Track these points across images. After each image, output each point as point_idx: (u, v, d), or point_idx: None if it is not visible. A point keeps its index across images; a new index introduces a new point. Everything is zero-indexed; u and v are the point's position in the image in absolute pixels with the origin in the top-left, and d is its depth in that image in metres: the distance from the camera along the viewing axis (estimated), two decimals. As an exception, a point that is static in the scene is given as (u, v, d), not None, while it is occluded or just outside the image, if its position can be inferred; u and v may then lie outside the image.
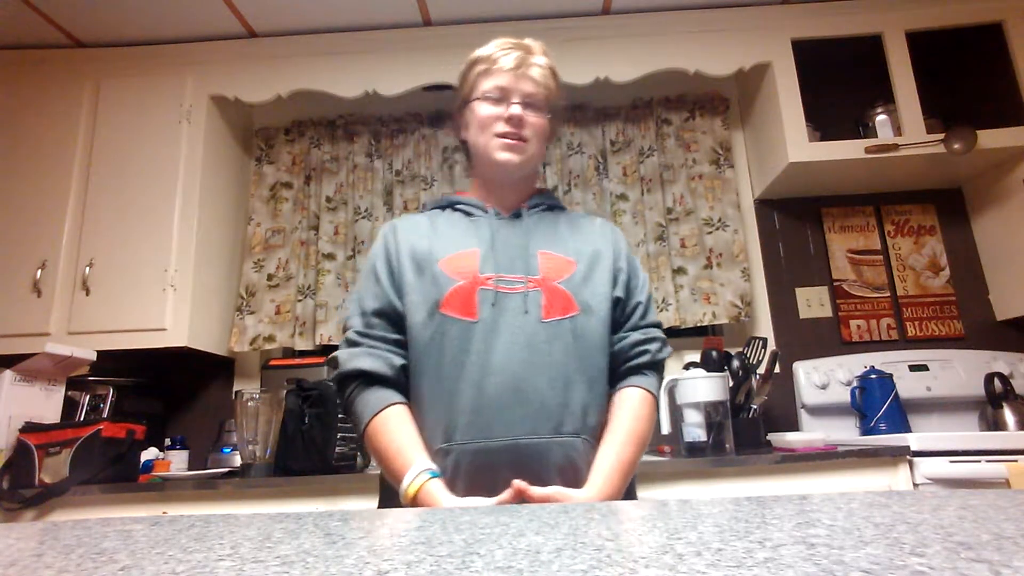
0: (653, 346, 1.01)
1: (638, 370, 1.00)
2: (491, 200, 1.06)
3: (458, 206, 1.07)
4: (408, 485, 0.83)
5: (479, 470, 0.86)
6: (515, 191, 1.07)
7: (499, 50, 1.03)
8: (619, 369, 1.00)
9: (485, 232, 1.01)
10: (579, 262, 1.00)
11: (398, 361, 0.94)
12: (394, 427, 0.90)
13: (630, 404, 0.97)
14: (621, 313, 1.01)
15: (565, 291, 0.96)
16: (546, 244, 1.01)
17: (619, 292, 1.01)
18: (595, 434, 0.93)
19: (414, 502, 0.83)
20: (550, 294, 0.95)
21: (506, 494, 0.81)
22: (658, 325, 1.05)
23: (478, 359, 0.89)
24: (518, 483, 0.81)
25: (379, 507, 1.04)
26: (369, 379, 0.93)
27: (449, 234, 1.01)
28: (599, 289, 0.99)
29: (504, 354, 0.89)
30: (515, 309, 0.93)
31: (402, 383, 0.95)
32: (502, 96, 1.01)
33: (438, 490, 0.83)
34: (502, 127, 1.00)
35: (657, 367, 1.02)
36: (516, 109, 1.00)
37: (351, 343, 0.96)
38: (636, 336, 1.00)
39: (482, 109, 1.02)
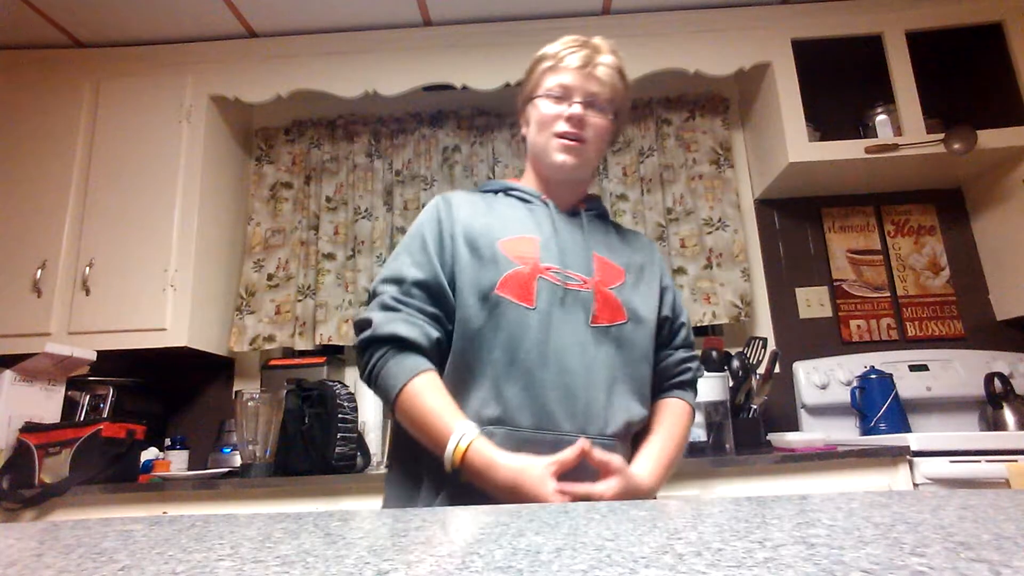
0: (694, 364, 1.07)
1: (681, 385, 1.05)
2: (546, 195, 1.05)
3: (513, 192, 1.05)
4: (456, 445, 0.80)
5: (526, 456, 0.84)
6: (571, 191, 1.06)
7: (565, 48, 1.01)
8: (663, 384, 1.03)
9: (545, 222, 0.99)
10: (628, 272, 1.01)
11: (435, 334, 0.90)
12: (433, 391, 0.86)
13: (675, 411, 1.01)
14: (668, 331, 1.05)
15: (616, 298, 0.96)
16: (602, 249, 1.01)
17: (667, 311, 1.04)
18: (633, 443, 0.95)
19: (463, 463, 0.80)
20: (602, 299, 0.94)
21: (569, 452, 0.79)
22: (693, 345, 1.10)
23: (534, 348, 0.88)
24: (584, 442, 0.80)
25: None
26: (402, 345, 0.89)
27: (508, 216, 0.99)
28: (648, 302, 1.01)
29: (558, 348, 0.88)
30: (571, 305, 0.92)
31: (434, 356, 0.91)
32: (564, 94, 0.99)
33: (488, 447, 0.81)
34: (562, 126, 0.98)
35: (695, 385, 1.07)
36: (577, 108, 0.97)
37: (386, 307, 0.91)
38: (682, 354, 1.05)
39: (544, 107, 1.00)
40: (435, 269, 0.93)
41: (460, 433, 0.81)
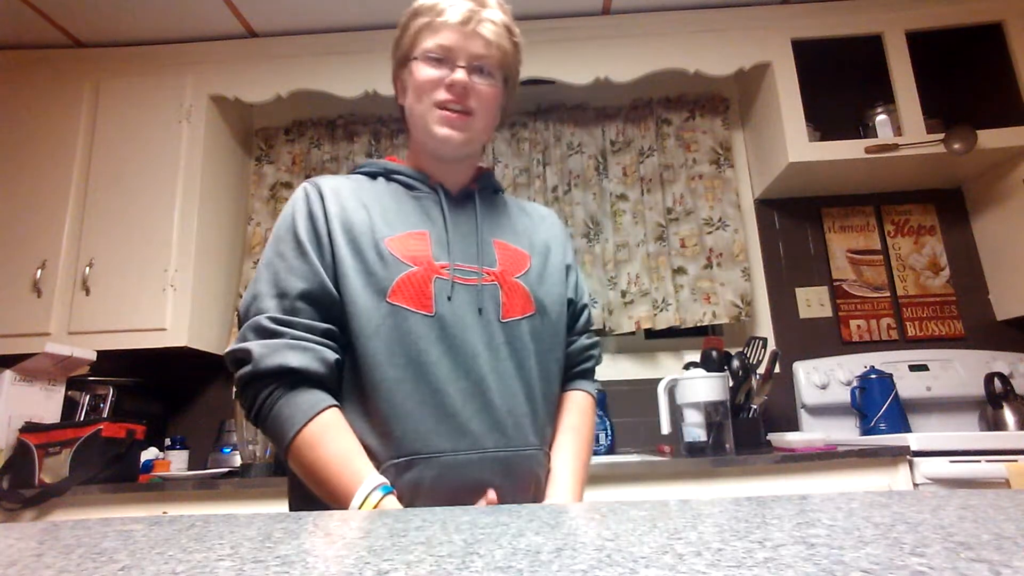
0: (596, 352, 0.98)
1: (584, 375, 0.97)
2: (433, 176, 0.91)
3: (396, 176, 0.90)
4: (361, 505, 0.69)
5: (444, 486, 0.75)
6: (460, 168, 0.92)
7: (443, 0, 0.85)
8: (566, 373, 0.94)
9: (435, 212, 0.87)
10: (532, 256, 0.90)
11: (331, 356, 0.77)
12: (333, 436, 0.73)
13: (582, 408, 0.93)
14: (571, 316, 0.95)
15: (524, 287, 0.86)
16: (500, 233, 0.90)
17: (570, 293, 0.95)
18: (549, 443, 0.88)
19: None
20: (509, 290, 0.84)
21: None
22: (592, 328, 1.01)
23: (439, 360, 0.77)
24: (492, 496, 0.76)
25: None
26: (296, 379, 0.75)
27: (392, 208, 0.85)
28: (555, 289, 0.91)
29: (466, 356, 0.78)
30: (472, 305, 0.81)
31: (334, 383, 0.78)
32: (445, 57, 0.84)
33: (396, 507, 0.71)
34: (443, 95, 0.84)
35: (594, 373, 1.00)
36: (460, 74, 0.83)
37: (265, 332, 0.76)
38: (584, 341, 0.97)
39: (421, 71, 0.85)
40: (319, 274, 0.79)
41: (365, 492, 0.70)
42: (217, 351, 2.11)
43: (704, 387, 1.68)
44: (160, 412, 2.16)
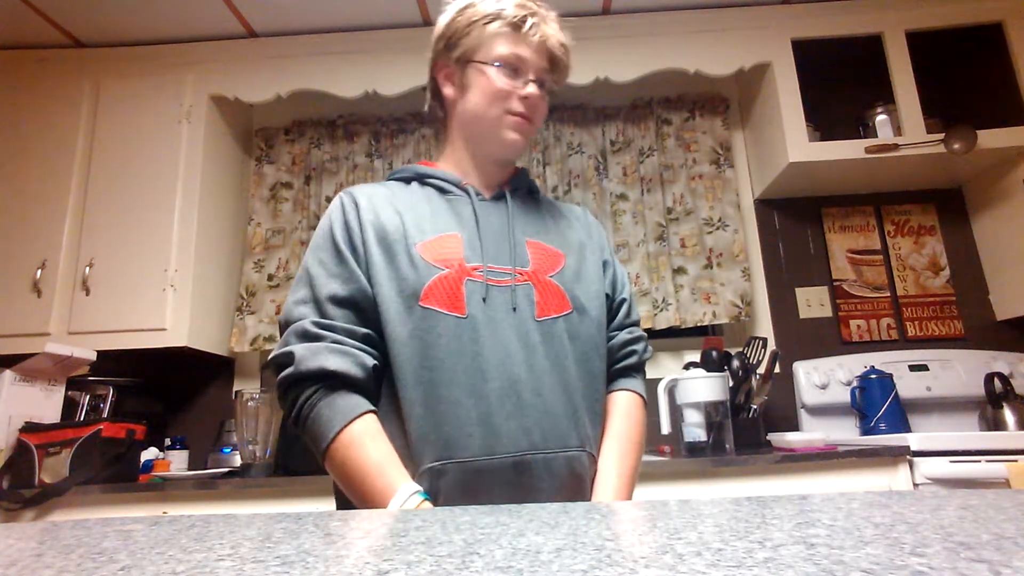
0: (639, 346, 0.96)
1: (627, 372, 0.95)
2: (470, 177, 0.93)
3: (429, 180, 0.92)
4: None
5: (480, 490, 0.74)
6: (500, 170, 0.95)
7: (518, 9, 0.88)
8: (608, 371, 0.93)
9: (467, 214, 0.88)
10: (568, 255, 0.91)
11: (370, 361, 0.78)
12: (371, 440, 0.74)
13: (628, 410, 0.91)
14: (610, 310, 0.95)
15: (558, 286, 0.86)
16: (533, 232, 0.91)
17: (607, 289, 0.95)
18: (596, 445, 0.86)
19: None
20: (543, 289, 0.84)
21: None
22: (638, 323, 1.00)
23: (473, 363, 0.77)
24: None
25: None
26: (335, 382, 0.76)
27: (423, 212, 0.87)
28: (592, 286, 0.91)
29: (500, 357, 0.78)
30: (506, 305, 0.81)
31: (372, 388, 0.79)
32: (519, 67, 0.88)
33: None
34: (517, 105, 0.87)
35: (642, 368, 0.98)
36: (533, 88, 0.88)
37: (307, 336, 0.78)
38: (624, 336, 0.95)
39: (498, 79, 0.87)
40: (359, 281, 0.81)
41: (402, 498, 0.70)
42: (217, 351, 2.11)
43: (704, 387, 1.68)
44: (160, 412, 2.16)
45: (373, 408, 0.78)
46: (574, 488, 0.80)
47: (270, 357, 0.81)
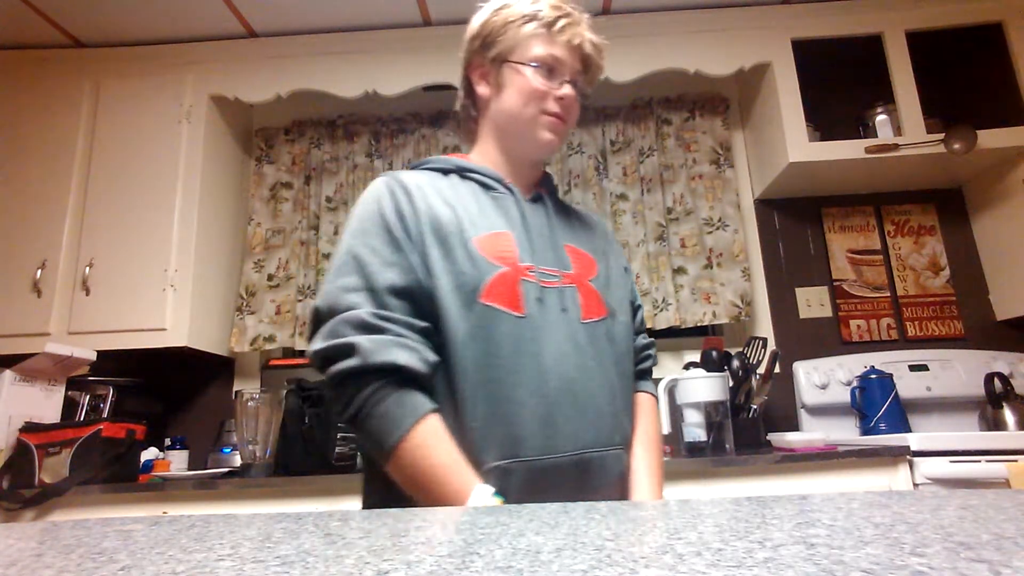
0: (653, 351, 1.01)
1: (644, 375, 0.98)
2: (507, 176, 0.92)
3: (470, 175, 0.90)
4: None
5: (546, 489, 0.74)
6: (532, 170, 0.95)
7: (553, 11, 0.89)
8: None
9: (513, 213, 0.87)
10: (598, 260, 0.93)
11: (432, 357, 0.76)
12: (441, 441, 0.72)
13: (651, 412, 0.95)
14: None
15: (596, 291, 0.88)
16: (570, 237, 0.92)
17: (630, 296, 0.98)
18: (628, 443, 0.89)
19: None
20: (585, 293, 0.86)
21: None
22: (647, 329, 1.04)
23: (533, 361, 0.77)
24: None
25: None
26: (402, 377, 0.73)
27: (472, 207, 0.85)
28: (619, 292, 0.93)
29: (556, 356, 0.78)
30: (556, 306, 0.82)
31: (431, 385, 0.77)
32: (555, 68, 0.88)
33: None
34: (553, 106, 0.88)
35: (652, 374, 1.02)
36: (569, 89, 0.88)
37: (368, 327, 0.73)
38: (641, 341, 0.99)
39: (534, 79, 0.87)
40: (415, 271, 0.78)
41: (480, 499, 0.69)
42: (217, 351, 2.11)
43: (704, 387, 1.68)
44: (160, 412, 2.16)
45: (436, 407, 0.75)
46: (620, 486, 0.83)
47: (319, 348, 0.74)
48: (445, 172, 0.90)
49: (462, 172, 0.90)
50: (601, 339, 0.85)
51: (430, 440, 0.72)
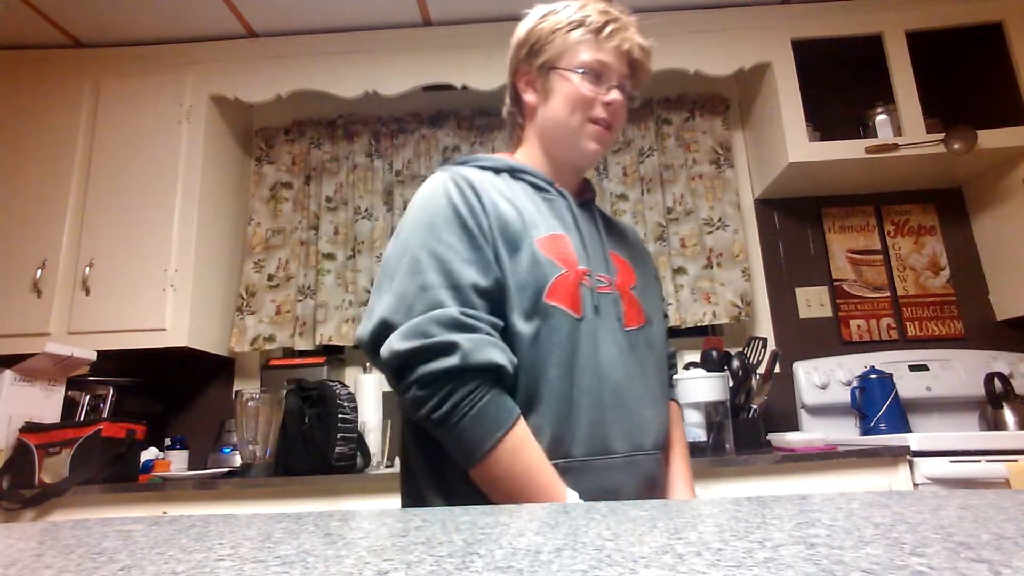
0: (675, 359, 1.06)
1: (670, 383, 1.01)
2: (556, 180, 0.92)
3: (523, 176, 0.89)
4: None
5: (599, 490, 0.75)
6: (575, 177, 0.94)
7: (600, 16, 0.88)
8: None
9: (568, 217, 0.87)
10: (635, 268, 0.94)
11: (514, 358, 0.75)
12: (533, 442, 0.72)
13: (680, 419, 0.99)
14: None
15: (636, 299, 0.89)
16: (613, 244, 0.93)
17: (662, 305, 1.00)
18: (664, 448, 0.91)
19: None
20: (628, 301, 0.87)
21: None
22: None
23: (590, 364, 0.78)
24: None
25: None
26: (497, 378, 0.72)
27: (530, 207, 0.84)
28: (654, 301, 0.95)
29: (608, 361, 0.79)
30: (608, 311, 0.83)
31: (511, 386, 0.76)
32: (602, 73, 0.87)
33: None
34: (600, 112, 0.87)
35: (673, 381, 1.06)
36: (616, 95, 0.87)
37: (461, 326, 0.71)
38: (668, 350, 1.01)
39: (582, 86, 0.86)
40: (494, 269, 0.77)
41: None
42: (217, 351, 2.11)
43: (704, 387, 1.68)
44: (160, 412, 2.16)
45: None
46: (660, 489, 0.86)
47: (406, 347, 0.70)
48: (497, 171, 0.89)
49: (514, 172, 0.89)
50: (641, 347, 0.86)
51: (526, 442, 0.71)
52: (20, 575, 0.27)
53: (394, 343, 0.71)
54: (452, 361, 0.69)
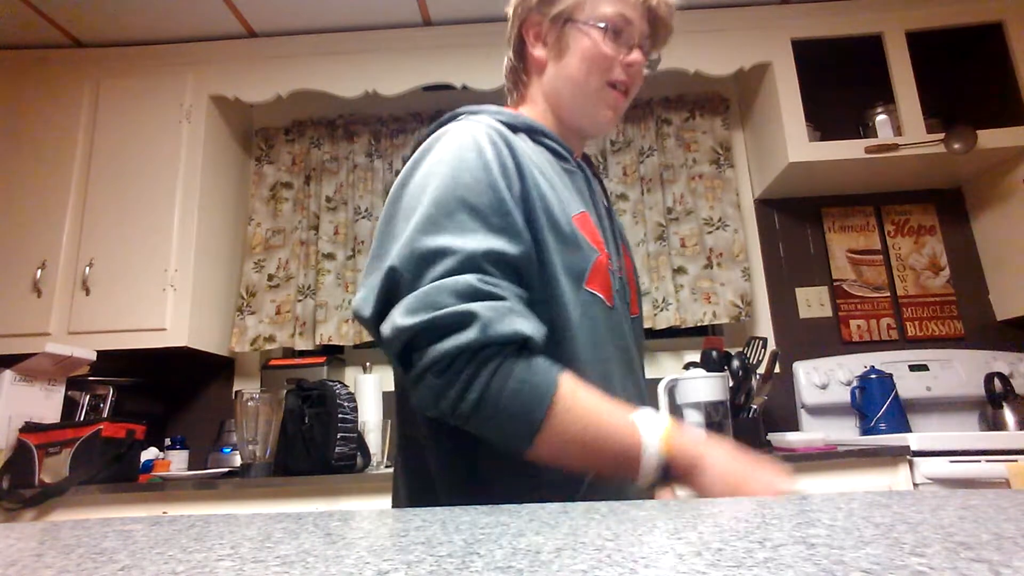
0: None
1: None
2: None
3: (543, 140, 0.77)
4: (663, 434, 0.59)
5: (623, 497, 0.71)
6: (580, 143, 0.85)
7: None
8: None
9: (586, 193, 0.79)
10: (629, 254, 0.87)
11: (544, 329, 0.64)
12: (585, 388, 0.61)
13: None
14: None
15: (635, 282, 0.84)
16: (612, 222, 0.85)
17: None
18: None
19: (672, 452, 0.60)
20: (632, 286, 0.82)
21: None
22: None
23: (614, 355, 0.72)
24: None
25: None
26: (526, 349, 0.61)
27: (555, 179, 0.73)
28: (640, 289, 0.90)
29: (628, 352, 0.75)
30: (622, 298, 0.76)
31: None
32: (624, 30, 0.77)
33: (686, 434, 0.61)
34: (620, 74, 0.77)
35: None
36: (638, 55, 0.77)
37: (479, 294, 0.59)
38: None
39: (602, 43, 0.76)
40: (525, 240, 0.65)
41: (649, 422, 0.60)
42: (217, 351, 2.11)
43: (704, 387, 1.68)
44: (160, 412, 2.16)
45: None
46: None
47: (411, 323, 0.58)
48: (513, 128, 0.75)
49: (533, 133, 0.77)
50: (639, 335, 0.82)
51: (579, 392, 0.60)
52: (20, 575, 0.27)
53: (398, 317, 0.59)
54: (470, 335, 0.57)
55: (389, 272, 0.61)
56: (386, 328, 0.60)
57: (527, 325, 0.60)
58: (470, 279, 0.59)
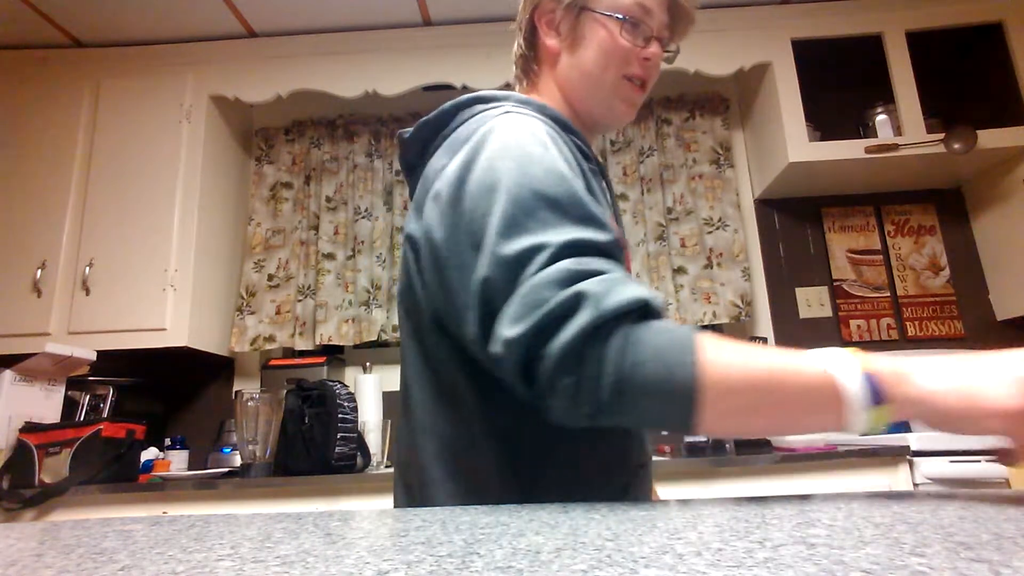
0: None
1: None
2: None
3: (571, 135, 0.72)
4: (853, 356, 0.49)
5: (646, 493, 0.72)
6: (591, 138, 0.80)
7: None
8: None
9: (605, 191, 0.76)
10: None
11: (660, 294, 0.64)
12: (728, 342, 0.52)
13: None
14: None
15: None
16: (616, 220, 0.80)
17: None
18: None
19: (883, 384, 0.49)
20: None
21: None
22: None
23: None
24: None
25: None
26: (647, 312, 0.52)
27: (592, 180, 0.70)
28: None
29: None
30: None
31: None
32: (642, 21, 0.73)
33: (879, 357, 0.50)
34: (637, 68, 0.74)
35: None
36: (656, 48, 0.74)
37: (580, 276, 0.51)
38: None
39: (621, 35, 0.72)
40: (611, 229, 0.58)
41: (827, 352, 0.50)
42: (217, 351, 2.11)
43: (704, 387, 1.67)
44: (160, 412, 2.16)
45: None
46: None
47: (521, 330, 0.50)
48: (557, 123, 0.71)
49: (565, 127, 0.71)
50: None
51: (723, 345, 0.51)
52: (20, 575, 0.27)
53: (504, 330, 0.52)
54: (584, 317, 0.49)
55: (483, 285, 0.55)
56: (496, 347, 0.53)
57: (641, 290, 0.52)
58: (566, 264, 0.52)
